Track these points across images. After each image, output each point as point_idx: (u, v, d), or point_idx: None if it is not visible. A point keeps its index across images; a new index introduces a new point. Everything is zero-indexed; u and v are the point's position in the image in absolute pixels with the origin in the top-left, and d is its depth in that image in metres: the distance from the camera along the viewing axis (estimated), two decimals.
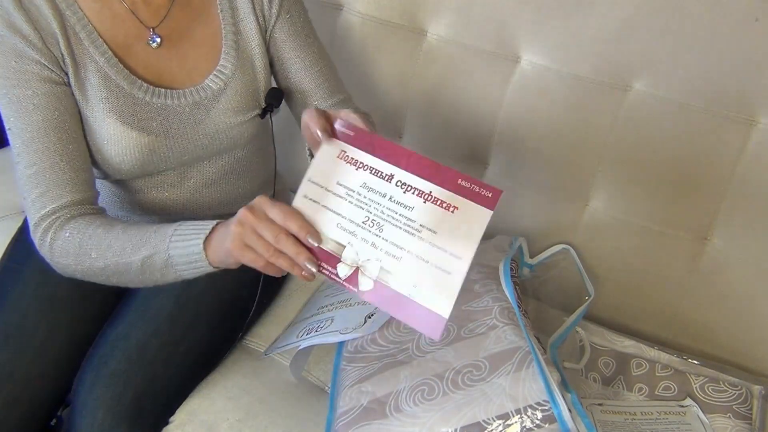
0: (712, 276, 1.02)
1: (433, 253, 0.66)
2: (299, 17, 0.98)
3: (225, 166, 0.99)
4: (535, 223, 1.13)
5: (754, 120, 0.95)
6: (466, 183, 0.65)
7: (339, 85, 1.02)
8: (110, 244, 0.81)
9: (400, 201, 0.67)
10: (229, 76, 0.92)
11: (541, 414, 0.72)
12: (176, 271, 0.79)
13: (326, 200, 0.70)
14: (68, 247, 0.82)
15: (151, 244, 0.79)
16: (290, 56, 0.97)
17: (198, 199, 0.98)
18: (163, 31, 0.90)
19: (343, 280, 0.69)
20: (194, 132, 0.91)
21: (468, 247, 0.64)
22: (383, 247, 0.67)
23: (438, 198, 0.65)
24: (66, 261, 0.83)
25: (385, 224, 0.67)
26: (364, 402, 0.81)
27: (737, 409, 0.90)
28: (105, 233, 0.82)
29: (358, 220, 0.68)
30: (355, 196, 0.69)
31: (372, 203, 0.68)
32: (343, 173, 0.70)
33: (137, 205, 0.97)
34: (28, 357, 0.90)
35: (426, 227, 0.66)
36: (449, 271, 0.65)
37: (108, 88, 0.86)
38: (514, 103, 1.09)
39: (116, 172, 0.90)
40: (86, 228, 0.82)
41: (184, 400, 0.93)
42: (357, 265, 0.68)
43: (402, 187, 0.67)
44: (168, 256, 0.78)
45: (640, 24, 0.98)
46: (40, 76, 0.83)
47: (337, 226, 0.69)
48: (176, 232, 0.79)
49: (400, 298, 0.66)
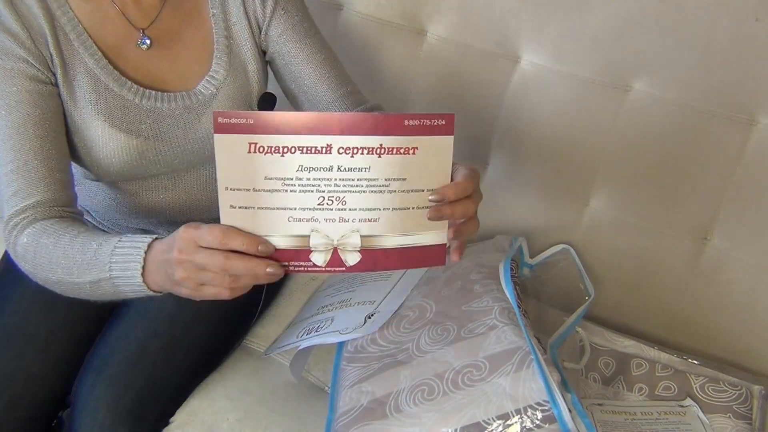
0: (712, 276, 1.02)
1: (411, 198, 0.64)
2: (296, 12, 0.95)
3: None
4: (535, 223, 1.13)
5: (754, 120, 0.95)
6: (413, 121, 0.61)
7: (346, 76, 0.98)
8: (58, 261, 0.77)
9: (351, 167, 0.63)
10: (221, 81, 0.91)
11: (541, 414, 0.72)
12: (127, 295, 0.76)
13: (259, 201, 0.64)
14: (26, 254, 0.80)
15: (94, 268, 0.75)
16: (288, 49, 0.94)
17: (194, 202, 0.98)
18: (153, 32, 0.89)
19: (325, 267, 0.66)
20: (184, 136, 0.90)
21: (442, 176, 0.63)
22: (354, 217, 0.64)
23: (392, 147, 0.62)
24: (26, 268, 0.81)
25: (345, 195, 0.63)
26: (364, 402, 0.81)
27: (737, 409, 0.90)
28: (53, 247, 0.78)
29: (311, 204, 0.64)
30: (296, 182, 0.63)
31: (320, 182, 0.63)
32: (266, 166, 0.63)
33: (133, 208, 0.97)
34: (29, 358, 0.90)
35: (392, 178, 0.63)
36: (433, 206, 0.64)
37: (97, 89, 0.85)
38: (514, 103, 1.09)
39: (106, 174, 0.90)
40: (39, 238, 0.78)
41: (185, 401, 0.93)
42: (333, 246, 0.65)
43: (347, 152, 0.62)
44: (113, 284, 0.74)
45: (640, 24, 0.98)
46: (26, 74, 0.82)
47: (290, 220, 0.64)
48: (113, 258, 0.74)
49: (393, 252, 0.65)
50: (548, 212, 1.12)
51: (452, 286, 0.93)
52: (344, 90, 0.96)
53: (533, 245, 1.12)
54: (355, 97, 0.97)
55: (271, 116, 0.62)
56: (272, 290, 1.12)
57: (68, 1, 0.85)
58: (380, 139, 0.62)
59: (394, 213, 0.64)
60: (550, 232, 1.12)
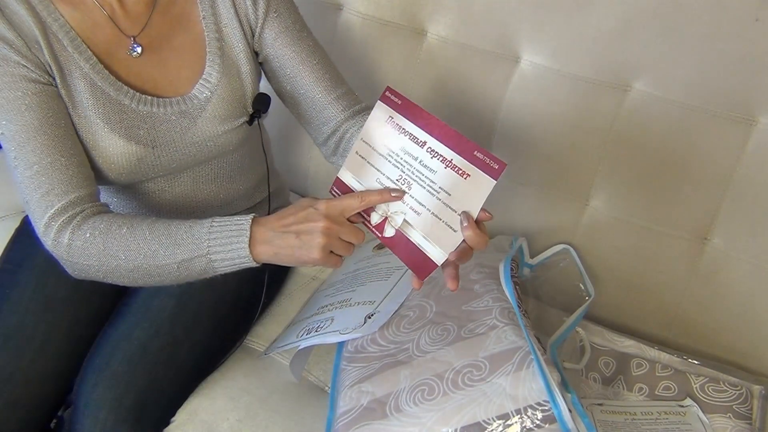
0: (712, 276, 1.02)
1: (446, 212, 0.74)
2: (289, 15, 0.95)
3: (216, 170, 0.98)
4: (535, 223, 1.13)
5: (754, 120, 0.95)
6: (480, 155, 0.73)
7: (340, 78, 0.99)
8: (139, 246, 0.79)
9: (427, 165, 0.76)
10: (215, 84, 0.91)
11: (541, 414, 0.72)
12: (216, 270, 0.81)
13: (372, 158, 0.80)
14: (90, 248, 0.80)
15: (186, 248, 0.79)
16: (284, 52, 0.95)
17: (190, 203, 0.98)
18: (143, 40, 0.89)
19: (373, 227, 0.79)
20: (181, 141, 0.90)
21: (473, 210, 0.73)
22: (409, 203, 0.77)
23: (456, 165, 0.74)
24: (88, 262, 0.81)
25: (413, 183, 0.77)
26: (364, 402, 0.81)
27: (737, 409, 0.90)
28: (131, 234, 0.80)
29: (393, 177, 0.78)
30: (395, 157, 0.78)
31: (406, 164, 0.77)
32: (388, 136, 0.79)
33: (130, 210, 0.97)
34: (28, 358, 0.90)
35: (444, 189, 0.74)
36: (455, 229, 0.73)
37: (94, 94, 0.85)
38: (514, 103, 1.09)
39: (104, 179, 0.89)
40: (108, 228, 0.80)
41: (185, 400, 0.93)
42: (386, 215, 0.78)
43: (430, 153, 0.76)
44: (209, 260, 0.79)
45: (640, 24, 0.98)
46: (28, 78, 0.81)
47: (376, 181, 0.79)
48: (212, 235, 0.79)
49: (411, 245, 0.76)
50: (548, 212, 1.12)
51: None
52: (339, 92, 0.97)
53: (533, 245, 1.12)
54: (349, 97, 0.98)
55: (410, 104, 0.78)
56: (272, 290, 1.12)
57: (58, 8, 0.84)
58: (454, 154, 0.74)
59: (430, 216, 0.75)
60: (550, 232, 1.12)
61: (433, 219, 0.75)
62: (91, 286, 0.88)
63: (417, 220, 0.76)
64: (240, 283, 1.00)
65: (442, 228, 0.74)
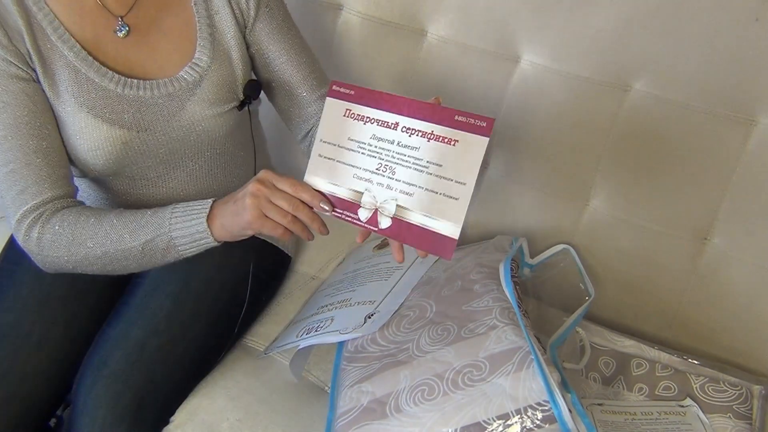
0: (712, 276, 1.02)
1: (441, 183, 0.72)
2: (278, 10, 0.98)
3: (208, 162, 0.98)
4: (535, 223, 1.13)
5: (754, 120, 0.95)
6: (462, 118, 0.71)
7: (324, 77, 1.03)
8: (107, 232, 0.83)
9: (406, 144, 0.74)
10: (205, 69, 0.92)
11: (541, 414, 0.72)
12: (178, 251, 0.83)
13: (340, 156, 0.78)
14: (59, 239, 0.83)
15: (150, 228, 0.83)
16: (274, 50, 0.98)
17: (185, 198, 0.98)
18: (131, 20, 0.89)
19: (365, 223, 0.77)
20: (168, 124, 0.91)
21: (470, 172, 0.71)
22: (397, 187, 0.75)
23: (439, 135, 0.72)
24: (57, 253, 0.84)
25: (396, 167, 0.75)
26: (364, 402, 0.81)
27: (737, 409, 0.90)
28: (98, 222, 0.84)
29: (371, 168, 0.76)
30: (367, 147, 0.76)
31: (382, 151, 0.75)
32: (352, 129, 0.77)
33: (122, 204, 0.97)
34: (24, 356, 0.90)
35: (432, 162, 0.73)
36: (456, 197, 0.72)
37: (78, 82, 0.86)
38: (514, 103, 1.09)
39: (90, 169, 0.90)
40: (77, 218, 0.84)
41: (184, 400, 0.93)
42: (375, 207, 0.76)
43: (407, 131, 0.74)
44: (170, 238, 0.82)
45: (640, 24, 0.98)
46: (7, 74, 0.83)
47: (354, 177, 0.77)
48: (174, 215, 0.82)
49: (416, 228, 0.74)
50: (548, 212, 1.12)
51: (452, 286, 0.93)
52: (323, 91, 1.01)
53: (533, 245, 1.12)
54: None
55: (365, 92, 0.77)
56: (272, 288, 1.12)
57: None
58: (433, 126, 0.72)
59: (425, 192, 0.73)
60: (550, 232, 1.12)
61: (428, 195, 0.73)
62: (87, 284, 0.88)
63: (411, 201, 0.74)
64: (237, 282, 1.01)
65: (442, 200, 0.72)
